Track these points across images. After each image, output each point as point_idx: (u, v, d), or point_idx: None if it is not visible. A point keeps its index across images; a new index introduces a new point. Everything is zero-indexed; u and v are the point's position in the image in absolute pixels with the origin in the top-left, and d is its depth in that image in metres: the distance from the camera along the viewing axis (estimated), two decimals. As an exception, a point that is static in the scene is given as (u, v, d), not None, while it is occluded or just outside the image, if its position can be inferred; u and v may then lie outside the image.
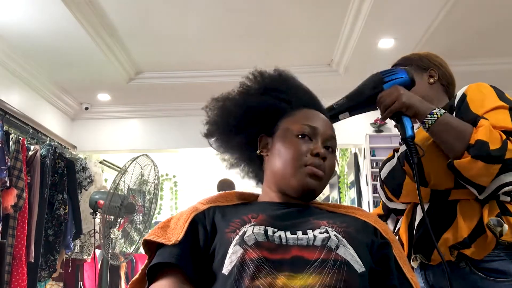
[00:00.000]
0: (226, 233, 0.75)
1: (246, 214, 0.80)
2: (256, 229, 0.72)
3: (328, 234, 0.72)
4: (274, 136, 0.91)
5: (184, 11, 3.36)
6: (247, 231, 0.72)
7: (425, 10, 3.29)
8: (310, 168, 0.83)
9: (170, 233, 0.78)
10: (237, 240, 0.70)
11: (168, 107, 4.85)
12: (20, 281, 3.11)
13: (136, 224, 2.79)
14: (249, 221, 0.77)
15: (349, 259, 0.69)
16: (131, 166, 2.66)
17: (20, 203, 3.06)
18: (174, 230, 0.78)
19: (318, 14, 3.46)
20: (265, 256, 0.67)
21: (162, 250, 0.76)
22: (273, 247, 0.69)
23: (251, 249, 0.68)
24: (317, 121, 0.89)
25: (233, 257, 0.68)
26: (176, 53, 4.00)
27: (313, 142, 0.86)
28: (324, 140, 0.88)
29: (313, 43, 3.86)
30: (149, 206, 2.87)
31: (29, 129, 3.70)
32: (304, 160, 0.84)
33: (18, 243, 3.13)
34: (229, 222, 0.78)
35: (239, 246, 0.69)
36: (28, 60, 3.87)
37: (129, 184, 2.60)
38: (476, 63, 4.30)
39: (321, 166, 0.84)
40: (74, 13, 3.20)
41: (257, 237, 0.70)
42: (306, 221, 0.78)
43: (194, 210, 0.83)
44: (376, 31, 3.58)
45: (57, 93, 4.50)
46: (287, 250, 0.69)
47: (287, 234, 0.72)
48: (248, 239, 0.69)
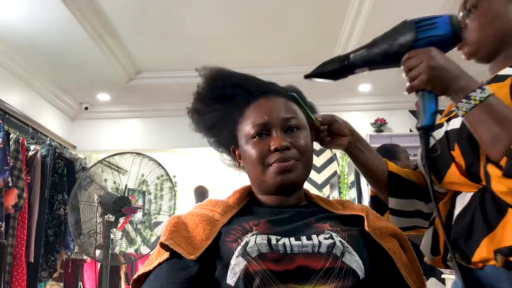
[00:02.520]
0: (228, 242, 0.72)
1: (246, 221, 0.77)
2: (258, 239, 0.70)
3: (333, 240, 0.70)
4: (238, 145, 0.89)
5: (184, 11, 3.36)
6: (249, 241, 0.69)
7: (425, 10, 3.29)
8: (275, 166, 0.80)
9: (189, 241, 0.73)
10: (240, 252, 0.68)
11: (168, 107, 4.85)
12: (20, 281, 3.10)
13: (136, 224, 2.79)
14: (250, 229, 0.74)
15: (355, 266, 0.68)
16: (132, 166, 2.66)
17: (20, 203, 3.06)
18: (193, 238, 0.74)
19: (318, 14, 3.45)
20: (269, 268, 0.65)
21: (178, 263, 0.72)
22: (278, 257, 0.67)
23: (255, 261, 0.66)
24: (264, 113, 0.84)
25: (236, 268, 0.67)
26: (176, 53, 4.00)
27: (270, 137, 0.82)
28: (281, 126, 0.83)
29: (313, 43, 3.85)
30: (149, 206, 2.87)
31: (29, 129, 3.70)
32: (267, 160, 0.81)
33: (18, 243, 3.13)
34: (230, 230, 0.75)
35: (242, 258, 0.67)
36: (28, 60, 3.87)
37: (126, 184, 2.60)
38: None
39: (287, 157, 0.80)
40: (74, 13, 3.19)
41: (261, 248, 0.68)
42: (308, 224, 0.76)
43: (212, 221, 0.77)
44: (376, 31, 3.56)
45: (57, 93, 4.50)
46: (292, 259, 0.67)
47: (291, 240, 0.70)
48: (251, 251, 0.67)
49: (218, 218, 0.79)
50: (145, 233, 2.99)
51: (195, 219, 0.78)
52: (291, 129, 0.83)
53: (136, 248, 2.90)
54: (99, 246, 2.57)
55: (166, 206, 2.92)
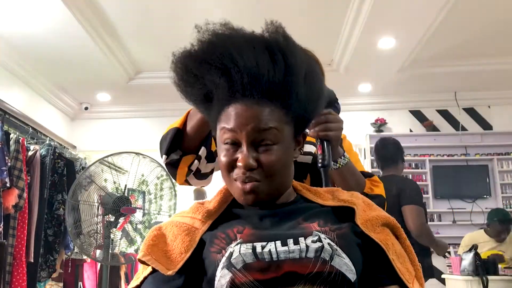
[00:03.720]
0: (212, 253, 0.70)
1: (230, 227, 0.74)
2: (243, 248, 0.67)
3: (321, 243, 0.68)
4: (216, 139, 0.80)
5: (184, 11, 3.36)
6: (233, 251, 0.67)
7: (425, 10, 3.29)
8: (237, 186, 0.75)
9: (168, 255, 0.72)
10: (224, 263, 0.67)
11: (168, 107, 4.85)
12: (20, 281, 3.11)
13: (136, 224, 2.79)
14: (234, 237, 0.71)
15: (344, 270, 0.66)
16: (131, 166, 2.66)
17: (20, 203, 3.07)
18: (171, 251, 0.73)
19: (318, 14, 3.46)
20: (256, 279, 0.64)
21: (162, 276, 0.70)
22: (264, 266, 0.65)
23: (240, 273, 0.65)
24: (236, 122, 0.73)
25: (222, 280, 0.65)
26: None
27: (240, 148, 0.74)
28: (251, 139, 0.73)
29: (313, 43, 3.84)
30: (149, 206, 2.86)
31: (29, 129, 3.70)
32: (233, 174, 0.75)
33: (18, 243, 3.13)
34: (214, 238, 0.72)
35: (227, 270, 0.66)
36: (28, 60, 3.87)
37: (126, 184, 2.60)
38: (476, 63, 4.30)
39: (250, 178, 0.73)
40: (74, 13, 3.19)
41: (245, 258, 0.66)
42: (296, 225, 0.74)
43: (191, 231, 0.75)
44: (376, 31, 3.57)
45: (57, 93, 4.50)
46: (279, 266, 0.65)
47: (277, 246, 0.68)
48: (235, 262, 0.66)
49: (198, 226, 0.76)
50: (145, 233, 2.98)
51: (174, 230, 0.76)
52: (264, 144, 0.74)
53: (136, 248, 2.90)
54: (99, 246, 2.57)
55: (166, 206, 2.91)
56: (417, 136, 5.04)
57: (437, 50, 4.05)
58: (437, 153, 5.01)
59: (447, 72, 4.45)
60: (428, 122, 5.08)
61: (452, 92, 4.94)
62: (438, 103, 5.10)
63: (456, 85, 4.77)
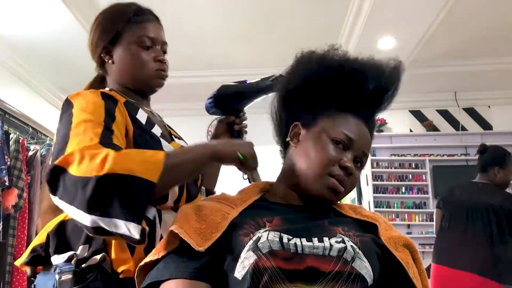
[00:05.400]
0: (240, 236, 0.72)
1: (260, 217, 0.77)
2: (271, 235, 0.70)
3: (344, 245, 0.70)
4: (308, 130, 0.85)
5: (183, 12, 3.36)
6: (261, 236, 0.69)
7: (425, 10, 3.29)
8: (333, 182, 0.79)
9: (199, 232, 0.73)
10: (251, 246, 0.68)
11: (168, 107, 4.84)
12: (20, 281, 3.11)
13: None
14: (263, 225, 0.74)
15: (364, 272, 0.68)
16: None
17: (20, 203, 3.07)
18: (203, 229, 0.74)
19: (318, 14, 3.46)
20: (279, 266, 0.66)
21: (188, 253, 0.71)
22: (288, 256, 0.67)
23: (265, 257, 0.66)
24: (357, 134, 0.83)
25: (246, 262, 0.67)
26: (175, 53, 3.98)
27: (345, 153, 0.81)
28: (357, 155, 0.83)
29: (313, 43, 3.85)
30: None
31: (29, 129, 3.70)
32: (330, 170, 0.80)
33: (18, 243, 3.13)
34: (243, 223, 0.75)
35: (253, 252, 0.67)
36: (28, 60, 3.87)
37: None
38: (476, 63, 4.30)
39: (344, 181, 0.80)
40: (74, 13, 3.20)
41: (272, 244, 0.68)
42: (321, 226, 0.77)
43: (222, 214, 0.78)
44: (376, 31, 3.58)
45: (57, 93, 4.50)
46: (302, 259, 0.67)
47: (302, 241, 0.70)
48: (262, 246, 0.68)
49: (228, 211, 0.79)
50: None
51: (206, 210, 0.78)
52: (357, 162, 0.84)
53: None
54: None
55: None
56: (417, 136, 5.04)
57: (437, 50, 4.05)
58: (437, 153, 5.00)
59: (447, 72, 4.45)
60: (428, 122, 5.09)
61: (452, 92, 4.94)
62: (438, 103, 5.10)
63: (456, 85, 4.77)
